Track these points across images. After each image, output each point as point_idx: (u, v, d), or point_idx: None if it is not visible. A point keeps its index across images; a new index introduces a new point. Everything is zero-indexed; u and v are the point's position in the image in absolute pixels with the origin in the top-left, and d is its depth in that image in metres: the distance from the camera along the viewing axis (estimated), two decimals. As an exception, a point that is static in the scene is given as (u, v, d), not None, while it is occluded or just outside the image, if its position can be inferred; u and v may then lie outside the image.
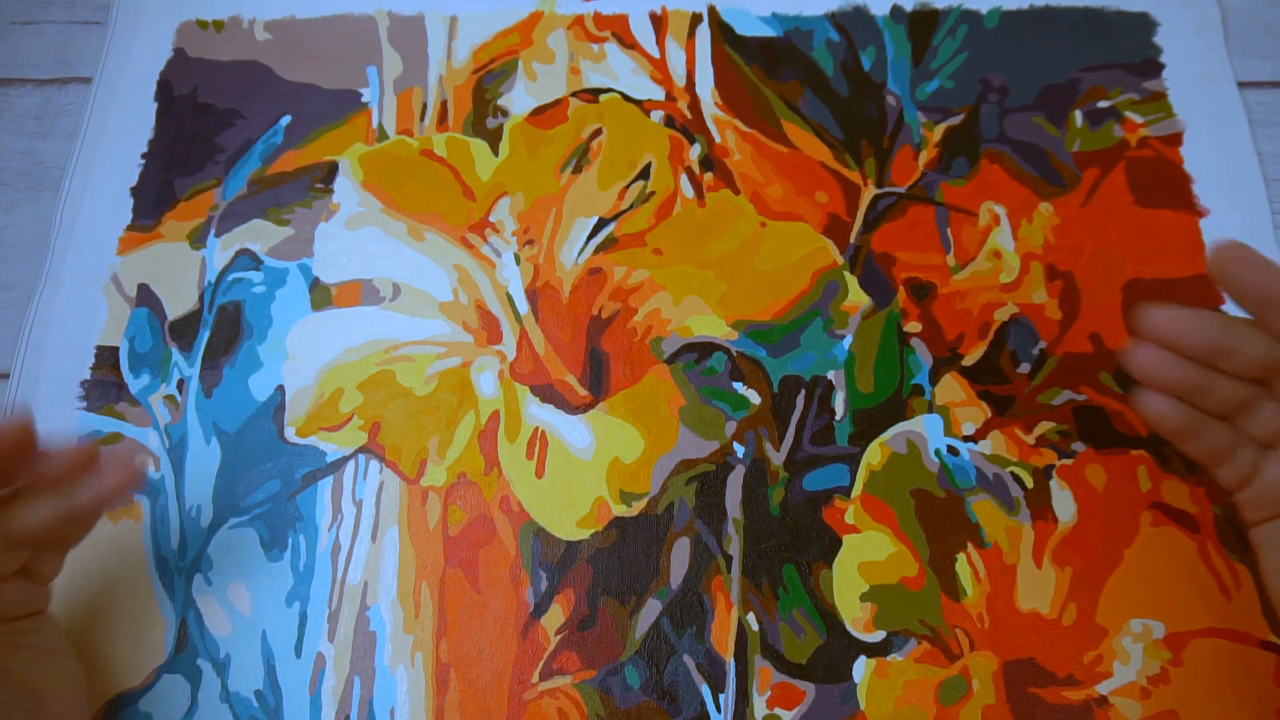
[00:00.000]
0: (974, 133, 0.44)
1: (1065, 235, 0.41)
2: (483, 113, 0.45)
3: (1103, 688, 0.34)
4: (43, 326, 0.42)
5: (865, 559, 0.37)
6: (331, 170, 0.44)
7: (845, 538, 0.37)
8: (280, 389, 0.40)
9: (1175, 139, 0.43)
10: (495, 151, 0.44)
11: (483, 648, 0.36)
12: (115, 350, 0.41)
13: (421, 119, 0.45)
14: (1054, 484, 0.37)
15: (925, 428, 0.38)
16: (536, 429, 0.39)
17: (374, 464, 0.39)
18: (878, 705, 0.35)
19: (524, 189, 0.43)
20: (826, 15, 0.46)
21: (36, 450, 0.30)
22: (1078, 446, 0.38)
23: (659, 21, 0.47)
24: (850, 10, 0.46)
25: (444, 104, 0.45)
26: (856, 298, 0.41)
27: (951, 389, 0.39)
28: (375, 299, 0.42)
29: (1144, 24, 0.45)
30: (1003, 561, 0.36)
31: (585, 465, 0.38)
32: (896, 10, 0.46)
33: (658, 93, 0.45)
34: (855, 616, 0.36)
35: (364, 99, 0.46)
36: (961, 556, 0.36)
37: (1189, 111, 0.43)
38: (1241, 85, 0.44)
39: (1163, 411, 0.34)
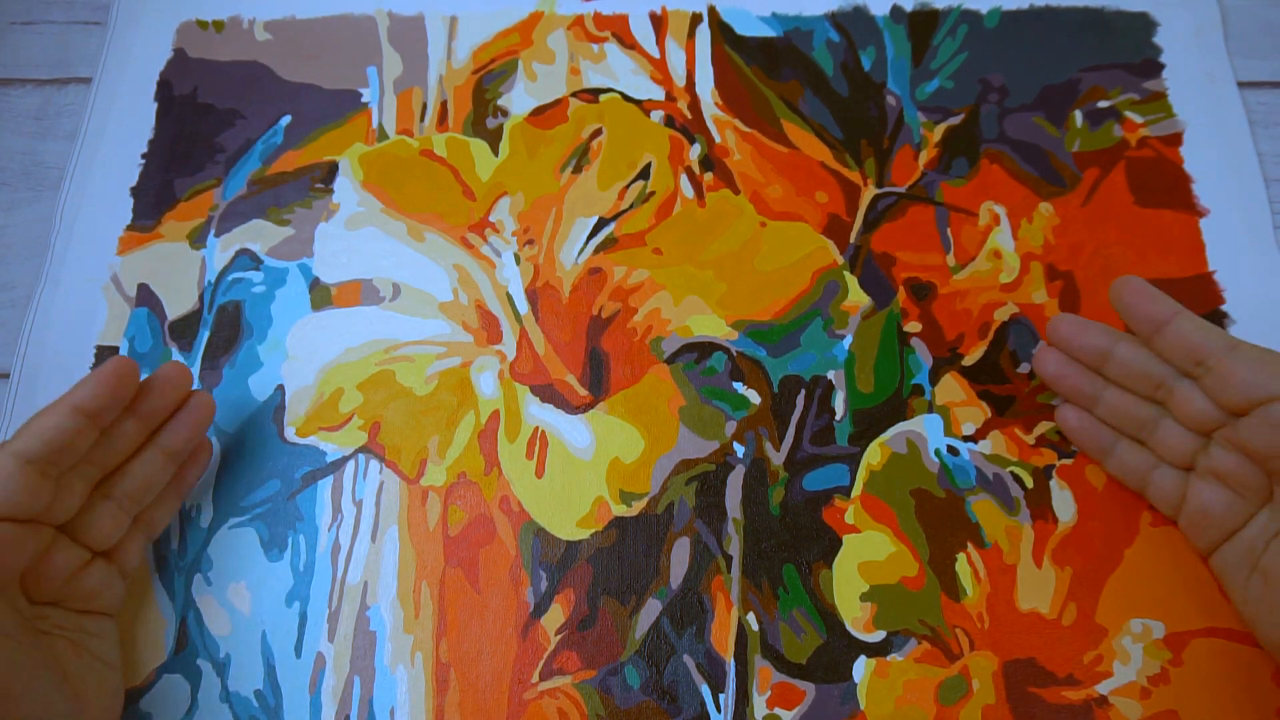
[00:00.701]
0: (974, 133, 0.44)
1: (1065, 235, 0.41)
2: (483, 113, 0.45)
3: (1103, 687, 0.34)
4: (43, 326, 0.42)
5: (865, 559, 0.37)
6: (331, 170, 0.44)
7: (845, 538, 0.37)
8: (280, 389, 0.40)
9: (1175, 139, 0.43)
10: (495, 151, 0.44)
11: (483, 648, 0.36)
12: (115, 350, 0.41)
13: (421, 119, 0.45)
14: (1054, 484, 0.37)
15: (925, 428, 0.38)
16: (536, 429, 0.39)
17: (374, 464, 0.39)
18: (878, 705, 0.35)
19: (524, 189, 0.43)
20: (826, 15, 0.46)
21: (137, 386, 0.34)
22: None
23: (659, 21, 0.47)
24: (850, 10, 0.46)
25: (444, 104, 0.45)
26: (856, 298, 0.41)
27: (951, 389, 0.39)
28: (375, 299, 0.42)
29: (1144, 24, 0.45)
30: (1003, 561, 0.36)
31: (585, 465, 0.38)
32: (896, 10, 0.46)
33: (658, 93, 0.45)
34: (855, 616, 0.36)
35: (364, 99, 0.46)
36: (961, 556, 0.36)
37: (1189, 111, 0.43)
38: (1241, 85, 0.44)
39: (1072, 423, 0.37)
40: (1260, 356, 0.31)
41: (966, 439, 0.38)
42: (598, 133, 0.44)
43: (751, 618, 0.36)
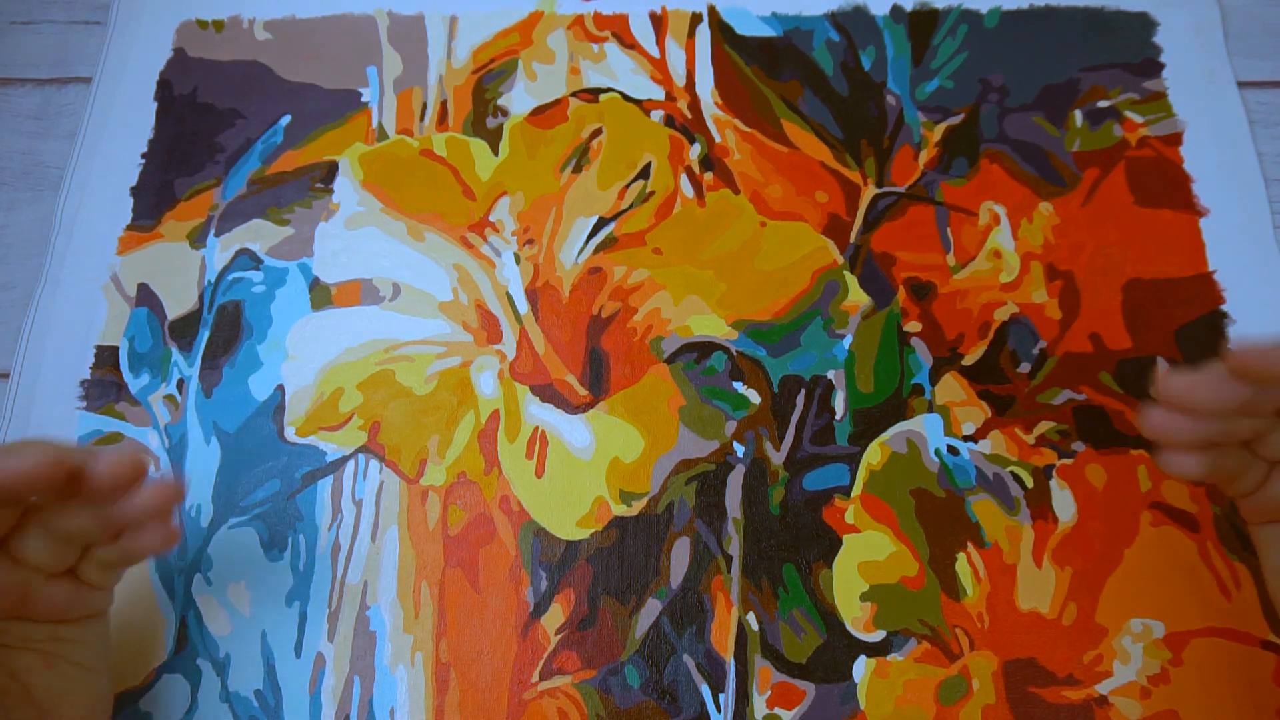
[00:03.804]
0: (974, 133, 0.44)
1: (1065, 235, 0.41)
2: (483, 112, 0.45)
3: (1103, 687, 0.34)
4: (43, 326, 0.42)
5: (865, 559, 0.37)
6: (331, 170, 0.44)
7: (845, 537, 0.37)
8: (280, 389, 0.40)
9: (1175, 139, 0.43)
10: (495, 151, 0.44)
11: (483, 648, 0.36)
12: (115, 350, 0.41)
13: (421, 119, 0.45)
14: (1054, 484, 0.37)
15: (925, 427, 0.38)
16: (536, 429, 0.39)
17: (374, 464, 0.39)
18: (878, 705, 0.35)
19: (524, 189, 0.43)
20: (826, 15, 0.46)
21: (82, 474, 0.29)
22: (1078, 446, 0.38)
23: (659, 21, 0.47)
24: (850, 10, 0.46)
25: (444, 104, 0.45)
26: (856, 297, 0.41)
27: (951, 389, 0.39)
28: (375, 299, 0.42)
29: (1144, 24, 0.45)
30: (1003, 561, 0.36)
31: (585, 465, 0.38)
32: (896, 10, 0.46)
33: (658, 92, 0.45)
34: (855, 616, 0.36)
35: (364, 99, 0.46)
36: (961, 556, 0.36)
37: (1189, 111, 0.43)
38: (1241, 85, 0.44)
39: (1195, 471, 0.32)
40: None
41: (966, 439, 0.38)
42: (598, 132, 0.44)
43: (751, 617, 0.36)
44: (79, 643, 0.32)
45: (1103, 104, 0.44)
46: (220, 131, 0.45)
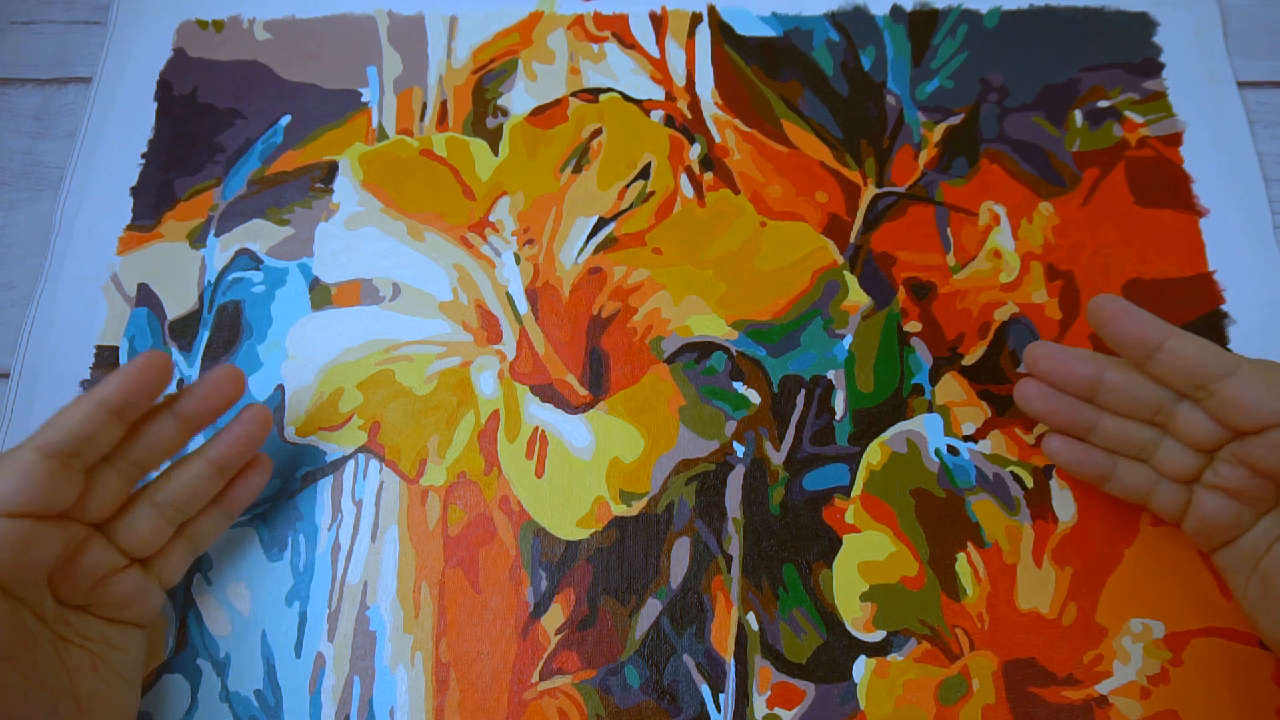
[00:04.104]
0: (974, 133, 0.44)
1: (1065, 235, 0.41)
2: (483, 112, 0.45)
3: (1103, 687, 0.34)
4: (43, 326, 0.42)
5: (865, 559, 0.37)
6: (331, 170, 0.44)
7: (845, 537, 0.37)
8: (280, 389, 0.40)
9: (1175, 139, 0.43)
10: (495, 151, 0.44)
11: (483, 648, 0.36)
12: (115, 350, 0.41)
13: (421, 119, 0.45)
14: (1054, 484, 0.37)
15: (925, 427, 0.38)
16: (536, 429, 0.39)
17: (374, 464, 0.39)
18: (878, 705, 0.35)
19: (524, 189, 0.43)
20: (826, 15, 0.46)
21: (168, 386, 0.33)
22: (1078, 446, 0.38)
23: (659, 21, 0.47)
24: (850, 10, 0.46)
25: (444, 104, 0.45)
26: (856, 297, 0.41)
27: (951, 388, 0.39)
28: (375, 299, 0.42)
29: (1144, 24, 0.45)
30: (1003, 561, 0.36)
31: (585, 465, 0.38)
32: (896, 10, 0.46)
33: (658, 92, 0.45)
34: (855, 616, 0.36)
35: (364, 99, 0.46)
36: (961, 556, 0.36)
37: (1189, 111, 0.43)
38: (1241, 85, 0.44)
39: (1065, 457, 0.35)
40: (1264, 377, 0.30)
41: (966, 439, 0.38)
42: (598, 132, 0.44)
43: (751, 617, 0.36)
44: (124, 651, 0.33)
45: (1103, 104, 0.44)
46: (220, 131, 0.45)
